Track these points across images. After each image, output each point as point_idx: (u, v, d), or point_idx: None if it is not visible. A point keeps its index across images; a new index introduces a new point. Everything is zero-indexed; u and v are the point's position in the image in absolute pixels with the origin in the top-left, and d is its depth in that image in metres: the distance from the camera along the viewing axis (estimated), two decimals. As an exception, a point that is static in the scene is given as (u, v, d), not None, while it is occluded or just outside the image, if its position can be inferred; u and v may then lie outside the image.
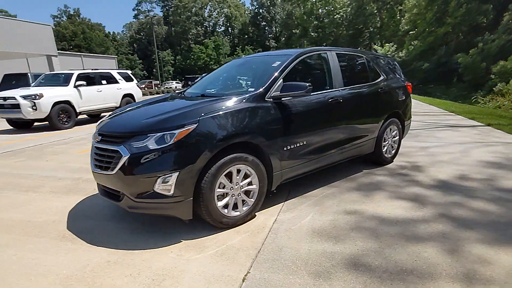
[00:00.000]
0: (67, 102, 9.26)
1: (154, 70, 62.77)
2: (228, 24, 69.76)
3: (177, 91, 4.02)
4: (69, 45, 66.74)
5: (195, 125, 2.49)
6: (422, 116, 9.26)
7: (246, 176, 2.82)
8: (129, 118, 2.87)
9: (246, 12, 69.05)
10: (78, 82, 9.66)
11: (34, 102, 8.60)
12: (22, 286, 2.08)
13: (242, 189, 2.79)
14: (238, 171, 2.73)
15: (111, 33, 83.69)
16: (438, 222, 2.71)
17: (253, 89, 3.00)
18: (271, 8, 62.59)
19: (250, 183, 2.84)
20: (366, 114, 3.90)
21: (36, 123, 9.61)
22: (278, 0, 59.68)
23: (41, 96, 8.68)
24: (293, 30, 49.67)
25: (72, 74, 9.85)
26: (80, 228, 2.89)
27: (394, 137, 4.46)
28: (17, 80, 14.19)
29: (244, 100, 2.82)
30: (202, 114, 2.54)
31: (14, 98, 8.60)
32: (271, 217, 2.96)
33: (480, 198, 3.16)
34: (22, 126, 9.52)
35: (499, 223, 2.65)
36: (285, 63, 3.20)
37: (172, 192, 2.42)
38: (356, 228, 2.66)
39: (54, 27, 72.08)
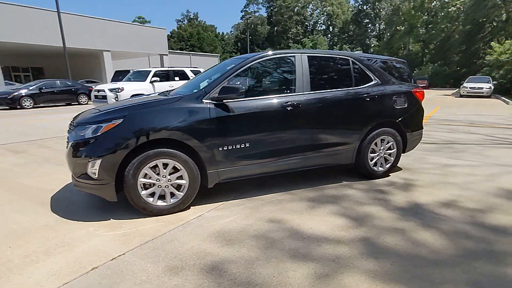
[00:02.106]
0: (142, 95, 10.81)
1: (252, 68, 66.07)
2: (329, 23, 68.15)
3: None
4: (186, 44, 75.86)
5: (121, 120, 2.83)
6: (499, 129, 7.64)
7: (177, 170, 3.03)
8: (90, 112, 3.39)
9: (349, 9, 66.18)
10: (154, 78, 11.15)
11: (117, 94, 10.34)
12: (-21, 231, 2.79)
13: (170, 182, 3.02)
14: (165, 165, 2.97)
15: (220, 34, 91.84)
16: (349, 245, 2.44)
17: (196, 90, 3.18)
18: (377, 3, 58.47)
19: (180, 178, 3.05)
20: (340, 121, 3.60)
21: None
22: (385, -5, 55.43)
23: (122, 89, 10.39)
24: (397, 27, 45.38)
25: (150, 71, 11.42)
26: (59, 198, 3.56)
27: (389, 149, 3.97)
28: (123, 75, 17.09)
29: (178, 100, 3.03)
30: (127, 113, 2.87)
31: (103, 90, 10.52)
32: (199, 212, 3.10)
33: (438, 229, 2.65)
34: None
35: (422, 259, 2.23)
36: (235, 67, 3.26)
37: (97, 175, 2.82)
38: (258, 237, 2.61)
39: (176, 29, 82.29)
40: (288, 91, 3.43)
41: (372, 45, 58.27)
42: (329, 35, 68.03)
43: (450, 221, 2.81)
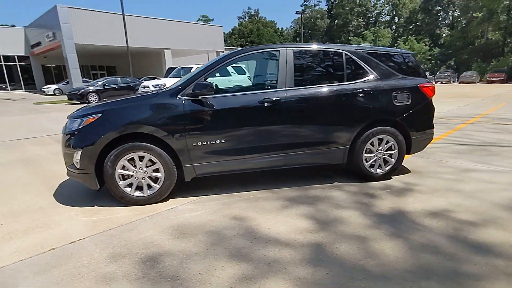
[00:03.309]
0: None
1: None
2: (394, 13, 63.53)
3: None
4: (246, 41, 77.35)
5: (99, 115, 3.05)
6: None
7: (154, 163, 3.17)
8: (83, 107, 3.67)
9: (418, -4, 60.82)
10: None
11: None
12: (-12, 208, 3.25)
13: (147, 174, 3.17)
14: (142, 157, 3.12)
15: (280, 29, 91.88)
16: (296, 249, 2.31)
17: (173, 87, 3.27)
18: (450, -11, 52.82)
19: (156, 170, 3.18)
20: (327, 119, 3.38)
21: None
22: (461, -22, 49.66)
23: (164, 85, 11.03)
24: (473, 14, 40.44)
25: (191, 68, 11.92)
26: (66, 184, 3.96)
27: (390, 150, 3.63)
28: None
29: (154, 97, 3.16)
30: (105, 108, 3.08)
31: (148, 86, 11.30)
32: (174, 204, 3.20)
33: (405, 240, 2.38)
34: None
35: (365, 271, 2.03)
36: (213, 62, 3.28)
37: (79, 165, 3.08)
38: (213, 233, 2.61)
39: (237, 26, 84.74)
40: (269, 87, 3.35)
41: (444, 34, 52.96)
42: (394, 26, 63.48)
43: (427, 232, 2.49)
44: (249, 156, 3.31)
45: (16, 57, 33.00)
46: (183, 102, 3.12)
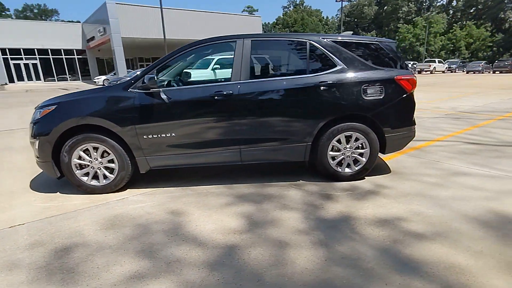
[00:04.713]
0: (204, 82, 11.52)
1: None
2: (452, -4, 58.12)
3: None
4: (290, 31, 76.21)
5: (55, 107, 3.15)
6: None
7: (109, 154, 3.22)
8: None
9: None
10: (215, 66, 11.68)
11: (182, 81, 11.28)
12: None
13: (102, 165, 3.24)
14: (96, 148, 3.19)
15: (325, 18, 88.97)
16: (206, 250, 2.21)
17: (127, 80, 3.27)
18: (520, -34, 46.70)
19: (111, 161, 3.23)
20: (283, 113, 3.15)
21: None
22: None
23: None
24: (546, -6, 35.48)
25: (213, 59, 11.99)
26: (50, 170, 4.20)
27: (361, 148, 3.31)
28: (206, 63, 18.41)
29: (105, 90, 3.19)
30: (60, 100, 3.17)
31: (171, 77, 11.60)
32: (128, 195, 3.24)
33: (329, 249, 2.15)
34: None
35: (257, 281, 1.86)
36: (166, 56, 3.22)
37: (38, 153, 3.23)
38: (141, 226, 2.59)
39: (282, 16, 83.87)
40: (223, 80, 3.20)
41: (509, 18, 47.24)
42: (450, 11, 58.03)
43: (360, 242, 2.23)
44: (202, 150, 3.22)
45: (74, 50, 36.04)
46: (134, 95, 3.11)
